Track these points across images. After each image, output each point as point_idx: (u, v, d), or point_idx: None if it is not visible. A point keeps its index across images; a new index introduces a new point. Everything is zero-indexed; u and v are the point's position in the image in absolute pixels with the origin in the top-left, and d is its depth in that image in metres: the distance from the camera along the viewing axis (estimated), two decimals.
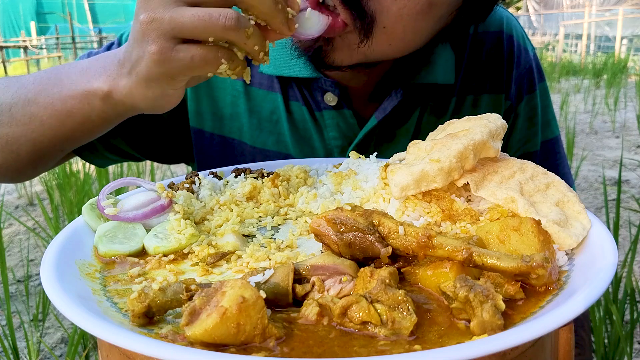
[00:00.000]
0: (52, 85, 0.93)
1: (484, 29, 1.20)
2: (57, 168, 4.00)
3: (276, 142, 1.17)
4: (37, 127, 0.94)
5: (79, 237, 0.74)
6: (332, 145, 1.14)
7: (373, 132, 1.13)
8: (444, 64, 1.13)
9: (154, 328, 0.54)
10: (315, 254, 0.68)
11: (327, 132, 1.14)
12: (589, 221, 0.67)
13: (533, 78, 1.23)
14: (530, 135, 1.24)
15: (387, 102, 1.10)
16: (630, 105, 8.03)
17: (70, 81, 0.91)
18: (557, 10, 21.26)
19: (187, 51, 0.75)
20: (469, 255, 0.56)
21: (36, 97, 0.94)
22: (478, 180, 0.70)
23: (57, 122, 0.93)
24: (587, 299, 0.51)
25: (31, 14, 24.77)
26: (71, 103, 0.90)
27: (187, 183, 0.90)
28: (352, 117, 1.12)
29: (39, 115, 0.93)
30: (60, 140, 0.97)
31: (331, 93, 1.10)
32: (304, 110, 1.14)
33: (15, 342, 2.09)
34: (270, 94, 1.15)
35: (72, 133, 0.95)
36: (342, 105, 1.11)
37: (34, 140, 0.96)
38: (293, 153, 1.16)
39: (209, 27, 0.73)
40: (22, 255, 3.44)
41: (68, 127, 0.93)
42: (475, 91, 1.19)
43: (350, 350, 0.48)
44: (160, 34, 0.74)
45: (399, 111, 1.13)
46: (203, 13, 0.73)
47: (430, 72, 1.11)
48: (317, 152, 1.16)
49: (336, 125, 1.13)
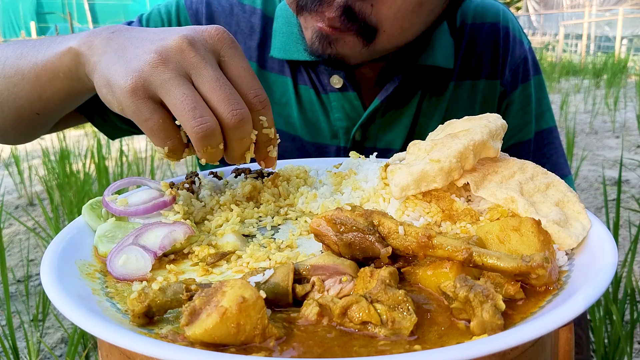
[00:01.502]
0: (47, 42, 0.93)
1: (480, 20, 1.24)
2: (57, 168, 4.00)
3: (285, 123, 1.21)
4: (19, 81, 0.94)
5: (79, 237, 0.74)
6: (338, 127, 1.19)
7: (376, 113, 1.18)
8: (444, 49, 1.17)
9: (154, 328, 0.54)
10: (315, 254, 0.68)
11: (333, 113, 1.18)
12: (589, 221, 0.67)
13: (528, 68, 1.27)
14: (524, 123, 1.27)
15: (390, 84, 1.16)
16: (630, 105, 8.02)
17: (62, 38, 0.90)
18: (557, 10, 21.25)
19: (149, 112, 0.73)
20: (469, 255, 0.56)
21: (29, 51, 0.94)
22: (478, 180, 0.70)
23: (34, 76, 0.92)
24: (587, 299, 0.51)
25: (31, 14, 24.77)
26: (48, 58, 0.89)
27: (187, 183, 0.90)
28: (357, 98, 1.17)
29: (22, 69, 0.93)
30: (34, 99, 0.96)
31: (337, 75, 1.15)
32: (311, 93, 1.19)
33: (15, 342, 2.09)
34: (281, 78, 1.20)
35: (43, 91, 0.93)
36: (347, 88, 1.16)
37: (15, 96, 0.96)
38: (300, 134, 1.21)
39: (184, 117, 0.72)
40: (22, 255, 3.44)
41: (40, 83, 0.92)
42: (472, 76, 1.23)
43: (350, 350, 0.48)
44: (148, 80, 0.73)
45: (400, 93, 1.18)
46: (191, 102, 0.72)
47: (431, 55, 1.16)
48: (323, 132, 1.20)
49: (341, 107, 1.17)
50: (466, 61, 1.23)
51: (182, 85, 0.72)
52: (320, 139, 1.21)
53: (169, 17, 1.22)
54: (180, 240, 0.71)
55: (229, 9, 1.22)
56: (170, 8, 1.22)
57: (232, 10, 1.22)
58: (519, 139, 1.27)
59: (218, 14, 1.21)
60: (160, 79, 0.72)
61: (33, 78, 0.92)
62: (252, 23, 1.21)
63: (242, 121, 0.74)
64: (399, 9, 0.95)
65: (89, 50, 0.82)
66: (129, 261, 0.67)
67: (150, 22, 1.22)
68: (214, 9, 1.22)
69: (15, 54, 0.96)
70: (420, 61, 1.15)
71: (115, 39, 0.80)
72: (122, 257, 0.67)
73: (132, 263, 0.67)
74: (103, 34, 0.82)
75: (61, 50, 0.86)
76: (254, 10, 1.21)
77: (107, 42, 0.80)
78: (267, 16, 1.21)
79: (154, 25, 1.22)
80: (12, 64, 0.96)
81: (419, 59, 1.15)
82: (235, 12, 1.22)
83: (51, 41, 0.92)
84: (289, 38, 1.16)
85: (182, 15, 1.22)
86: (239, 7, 1.22)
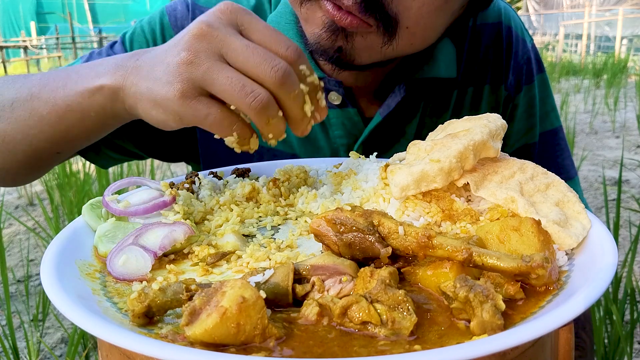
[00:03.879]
0: (58, 80, 0.91)
1: (482, 20, 1.21)
2: (57, 168, 4.00)
3: (282, 142, 1.17)
4: (36, 123, 0.92)
5: (79, 237, 0.74)
6: (338, 144, 1.15)
7: (378, 129, 1.14)
8: (446, 58, 1.14)
9: (154, 328, 0.54)
10: (315, 254, 0.68)
11: (332, 131, 1.15)
12: (589, 221, 0.67)
13: (531, 69, 1.24)
14: (529, 126, 1.25)
15: (391, 99, 1.11)
16: (630, 105, 8.03)
17: (77, 76, 0.88)
18: (557, 10, 21.25)
19: (206, 107, 0.74)
20: (469, 255, 0.56)
21: (40, 91, 0.92)
22: (478, 180, 0.70)
23: (56, 117, 0.90)
24: (587, 299, 0.51)
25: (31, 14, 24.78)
26: (73, 97, 0.87)
27: (187, 183, 0.90)
28: (357, 115, 1.13)
29: (39, 110, 0.91)
30: (57, 140, 0.94)
31: (335, 92, 1.11)
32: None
33: (15, 342, 2.09)
34: None
35: (70, 130, 0.92)
36: (346, 104, 1.12)
37: (32, 138, 0.94)
38: (299, 153, 1.17)
39: (236, 99, 0.72)
40: (22, 255, 3.44)
41: (66, 123, 0.90)
42: (476, 83, 1.20)
43: (350, 351, 0.48)
44: (191, 78, 0.73)
45: (402, 107, 1.14)
46: (237, 81, 0.72)
47: (433, 67, 1.12)
48: (323, 151, 1.17)
49: (341, 124, 1.13)
50: (469, 67, 1.19)
51: (222, 70, 0.72)
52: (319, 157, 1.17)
53: (153, 37, 1.16)
54: (180, 240, 0.71)
55: None
56: (154, 26, 1.17)
57: None
58: (524, 142, 1.25)
59: None
60: (199, 73, 0.73)
61: (55, 120, 0.90)
62: None
63: (285, 74, 0.73)
64: (424, 2, 0.90)
65: (125, 84, 0.81)
66: (129, 261, 0.67)
67: (134, 42, 1.17)
68: None
69: (23, 95, 0.93)
70: (422, 74, 1.11)
71: (142, 64, 0.80)
72: (122, 257, 0.67)
73: (132, 263, 0.67)
74: (129, 64, 0.82)
75: (90, 89, 0.85)
76: None
77: (137, 70, 0.80)
78: None
79: (138, 45, 1.16)
80: (23, 106, 0.93)
81: (421, 71, 1.11)
82: None
83: (65, 77, 0.90)
84: None
85: (168, 33, 1.16)
86: None
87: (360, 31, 0.91)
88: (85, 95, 0.86)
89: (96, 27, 24.17)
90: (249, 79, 0.72)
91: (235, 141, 0.76)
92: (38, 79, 0.94)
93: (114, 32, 21.29)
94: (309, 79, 0.77)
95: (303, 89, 0.76)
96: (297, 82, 0.75)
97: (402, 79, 1.11)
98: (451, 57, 1.15)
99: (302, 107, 0.77)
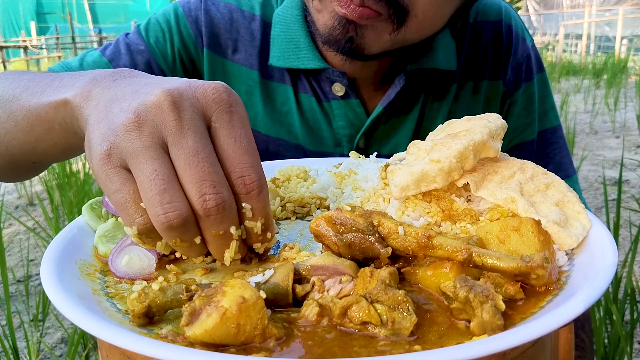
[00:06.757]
0: (40, 85, 0.82)
1: (483, 18, 1.23)
2: (57, 168, 4.00)
3: (287, 132, 1.20)
4: (11, 128, 0.84)
5: (79, 237, 0.74)
6: (341, 135, 1.18)
7: (379, 119, 1.17)
8: (445, 51, 1.16)
9: (154, 328, 0.54)
10: (315, 254, 0.68)
11: (336, 121, 1.17)
12: (589, 221, 0.67)
13: (531, 67, 1.26)
14: (527, 124, 1.26)
15: (392, 90, 1.14)
16: (630, 105, 8.02)
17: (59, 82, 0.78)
18: (557, 10, 21.25)
19: (120, 183, 0.61)
20: (469, 255, 0.56)
21: (21, 94, 0.83)
22: (478, 180, 0.70)
23: (28, 125, 0.81)
24: (587, 299, 0.51)
25: (31, 14, 24.79)
26: (43, 107, 0.77)
27: None
28: (360, 105, 1.16)
29: (15, 115, 0.83)
30: (29, 150, 0.85)
31: (339, 83, 1.14)
32: (312, 101, 1.17)
33: (15, 342, 2.09)
34: (282, 86, 1.19)
35: (39, 142, 0.82)
36: (349, 95, 1.15)
37: (7, 144, 0.87)
38: (303, 143, 1.20)
39: (147, 198, 0.59)
40: (22, 255, 3.44)
41: (35, 134, 0.81)
42: (475, 78, 1.22)
43: (350, 351, 0.48)
44: (120, 146, 0.61)
45: (403, 98, 1.17)
46: (157, 185, 0.58)
47: (432, 58, 1.15)
48: (326, 141, 1.19)
49: (344, 114, 1.16)
50: (468, 62, 1.22)
51: (154, 160, 0.59)
52: (323, 148, 1.20)
53: (169, 26, 1.17)
54: None
55: (228, 16, 1.18)
56: (169, 17, 1.18)
57: (231, 16, 1.18)
58: (521, 140, 1.26)
59: (218, 21, 1.17)
60: (131, 148, 0.60)
61: (27, 127, 0.81)
62: (252, 30, 1.18)
63: (215, 209, 0.59)
64: None
65: (84, 102, 0.69)
66: (132, 261, 0.67)
67: (149, 31, 1.17)
68: (213, 15, 1.17)
69: (8, 94, 0.85)
70: (422, 65, 1.14)
71: (113, 88, 0.68)
72: (125, 257, 0.67)
73: (136, 262, 0.67)
74: (103, 83, 0.70)
75: (56, 100, 0.74)
76: (253, 17, 1.18)
77: (104, 92, 0.68)
78: (267, 22, 1.18)
79: (154, 34, 1.16)
80: (4, 106, 0.85)
81: (421, 62, 1.14)
82: (235, 19, 1.18)
83: (48, 82, 0.80)
84: (287, 45, 1.13)
85: (182, 23, 1.17)
86: (238, 13, 1.18)
87: (371, 21, 0.94)
88: (53, 105, 0.75)
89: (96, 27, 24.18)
90: (177, 184, 0.59)
91: (134, 234, 0.61)
92: (25, 80, 0.87)
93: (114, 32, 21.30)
94: (248, 223, 0.63)
95: (233, 232, 0.61)
96: (227, 222, 0.61)
97: (402, 69, 1.14)
98: (451, 50, 1.17)
99: (222, 250, 0.63)
